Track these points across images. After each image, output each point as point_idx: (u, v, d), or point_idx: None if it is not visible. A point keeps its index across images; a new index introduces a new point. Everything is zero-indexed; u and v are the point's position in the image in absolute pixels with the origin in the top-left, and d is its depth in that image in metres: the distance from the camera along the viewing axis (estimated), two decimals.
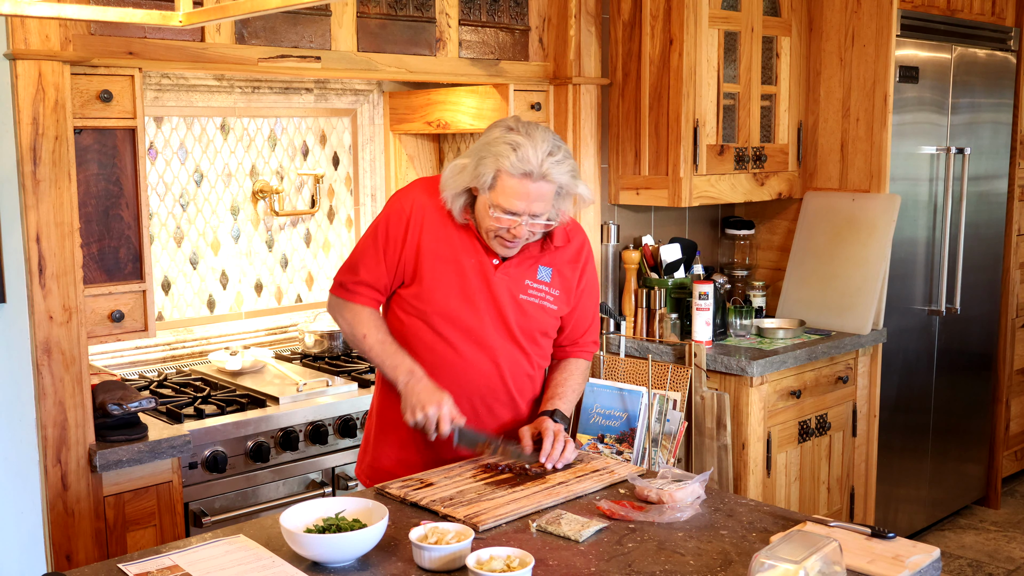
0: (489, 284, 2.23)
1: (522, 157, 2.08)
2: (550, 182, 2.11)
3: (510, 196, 2.11)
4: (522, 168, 2.08)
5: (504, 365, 2.27)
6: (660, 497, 2.00)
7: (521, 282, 2.26)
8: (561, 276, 2.31)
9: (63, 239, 2.42)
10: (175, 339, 3.38)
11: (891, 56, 3.75)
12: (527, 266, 2.27)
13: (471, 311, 2.23)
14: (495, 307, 2.24)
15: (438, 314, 2.23)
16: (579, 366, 2.43)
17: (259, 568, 1.71)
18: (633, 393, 3.41)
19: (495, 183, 2.11)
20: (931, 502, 4.38)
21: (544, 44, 3.53)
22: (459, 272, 2.22)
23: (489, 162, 2.10)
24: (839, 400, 3.80)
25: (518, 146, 2.08)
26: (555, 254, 2.30)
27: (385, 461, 2.37)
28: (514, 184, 2.09)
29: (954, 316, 4.30)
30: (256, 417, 2.80)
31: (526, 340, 2.29)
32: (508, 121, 2.17)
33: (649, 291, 3.67)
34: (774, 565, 1.54)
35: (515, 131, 2.12)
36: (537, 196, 2.11)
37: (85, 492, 2.47)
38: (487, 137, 2.15)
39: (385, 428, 2.37)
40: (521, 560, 1.66)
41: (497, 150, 2.10)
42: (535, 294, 2.28)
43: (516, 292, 2.26)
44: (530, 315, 2.27)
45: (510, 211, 2.12)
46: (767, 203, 4.14)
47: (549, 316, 2.31)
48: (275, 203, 3.54)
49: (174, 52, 2.63)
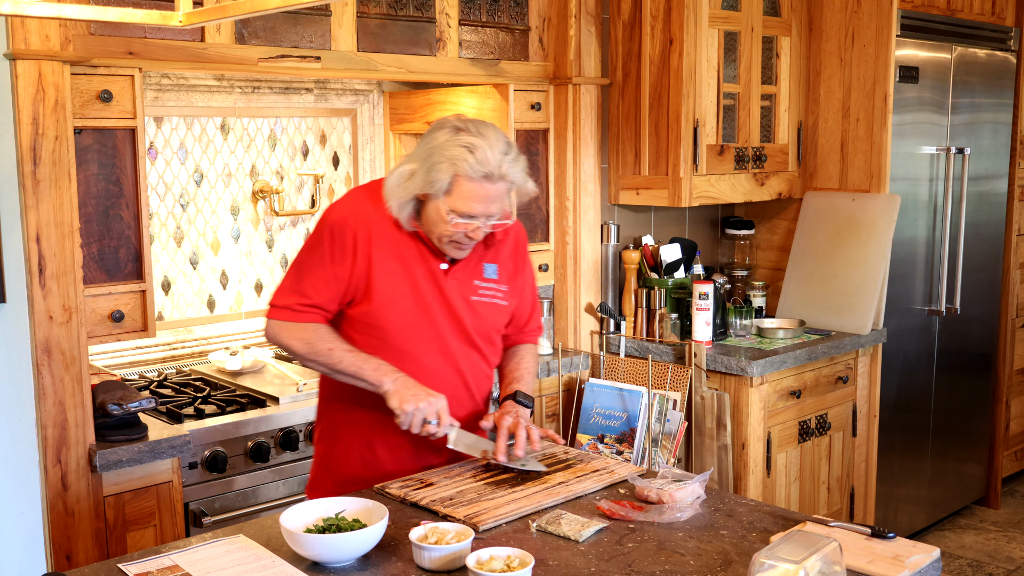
0: (442, 291, 2.16)
1: (481, 159, 2.01)
2: (508, 181, 2.06)
3: (469, 200, 2.03)
4: (482, 170, 2.01)
5: (465, 370, 2.22)
6: (660, 497, 2.00)
7: (471, 284, 2.21)
8: (506, 270, 2.27)
9: (63, 239, 2.42)
10: (175, 339, 3.38)
11: (891, 56, 3.75)
12: (473, 266, 2.21)
13: (428, 322, 2.16)
14: (451, 314, 2.18)
15: (396, 329, 2.14)
16: (529, 350, 2.41)
17: (259, 568, 1.71)
18: (633, 393, 3.41)
19: (452, 188, 2.03)
20: (931, 502, 4.38)
21: (544, 44, 3.53)
22: (411, 283, 2.14)
23: (444, 167, 2.02)
24: (839, 400, 3.80)
25: (475, 148, 2.01)
26: (497, 250, 2.25)
27: (343, 477, 2.24)
28: (473, 187, 2.02)
29: (954, 316, 4.30)
30: (256, 417, 2.80)
31: (483, 341, 2.24)
32: (453, 121, 2.08)
33: (649, 291, 3.67)
34: (774, 565, 1.54)
35: (465, 132, 2.04)
36: (496, 197, 2.06)
37: (85, 492, 2.47)
38: (434, 140, 2.05)
39: (350, 441, 2.24)
40: (521, 560, 1.66)
41: (452, 154, 2.01)
42: (485, 293, 2.22)
43: (468, 294, 2.20)
44: (483, 315, 2.22)
45: (469, 215, 2.05)
46: (767, 203, 4.14)
47: (501, 312, 2.27)
48: (275, 203, 3.54)
49: (174, 52, 2.63)
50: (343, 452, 2.25)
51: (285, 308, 2.14)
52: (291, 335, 2.14)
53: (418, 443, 2.20)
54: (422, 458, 2.24)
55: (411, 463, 2.23)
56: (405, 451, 2.22)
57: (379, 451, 2.22)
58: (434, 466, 2.24)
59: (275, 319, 2.16)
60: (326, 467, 2.29)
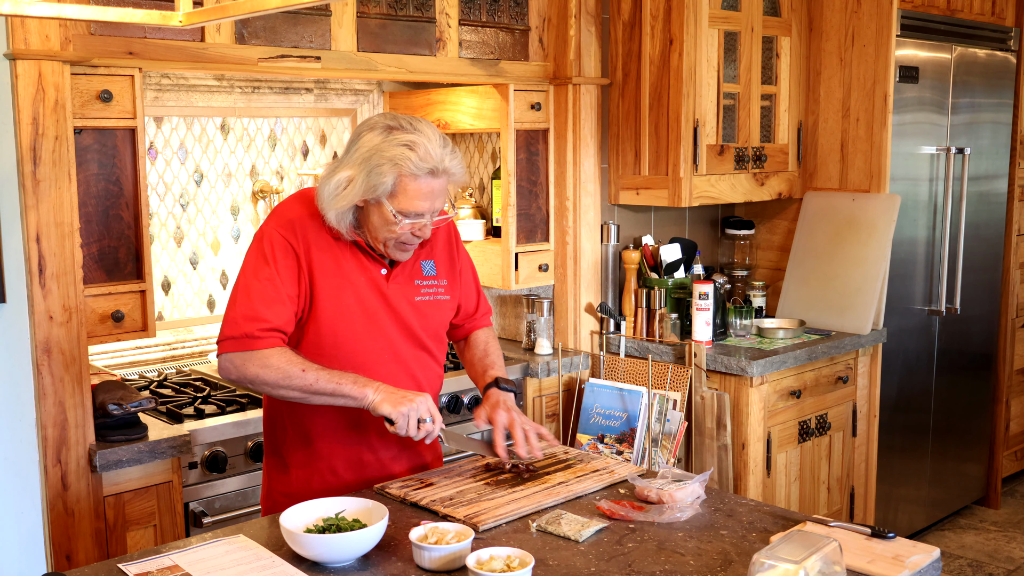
0: (386, 298, 2.11)
1: (423, 156, 1.95)
2: (449, 174, 2.01)
3: (415, 198, 1.98)
4: (425, 167, 1.96)
5: (419, 373, 2.18)
6: (660, 497, 2.00)
7: (412, 284, 2.16)
8: (442, 264, 2.23)
9: (63, 239, 2.42)
10: (175, 339, 3.38)
11: (891, 56, 3.75)
12: (411, 267, 2.16)
13: (377, 330, 2.11)
14: (397, 319, 2.13)
15: (347, 342, 2.08)
16: (488, 334, 2.39)
17: (259, 568, 1.71)
18: (633, 393, 3.41)
19: (396, 189, 1.97)
20: (931, 502, 4.38)
21: (544, 44, 3.53)
22: (355, 293, 2.08)
23: (386, 168, 1.95)
24: (839, 400, 3.80)
25: (414, 145, 1.95)
26: (431, 245, 2.21)
27: (310, 483, 2.16)
28: (419, 185, 1.97)
29: (954, 316, 4.30)
30: (256, 417, 2.80)
31: (432, 341, 2.20)
32: (382, 120, 2.01)
33: (649, 291, 3.67)
34: (774, 565, 1.54)
35: (400, 130, 1.98)
36: (440, 191, 2.01)
37: (85, 492, 2.47)
38: (367, 143, 1.98)
39: (330, 445, 2.17)
40: (521, 560, 1.66)
41: (392, 154, 1.95)
42: (427, 292, 2.18)
43: (411, 296, 2.15)
44: (428, 315, 2.18)
45: (417, 213, 2.00)
46: (767, 203, 4.14)
47: (445, 308, 2.23)
48: (275, 203, 3.54)
49: (174, 52, 2.63)
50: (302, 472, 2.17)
51: (243, 337, 1.98)
52: (257, 365, 1.98)
53: (372, 455, 2.15)
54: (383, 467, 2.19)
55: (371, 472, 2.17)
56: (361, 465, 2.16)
57: (340, 469, 2.15)
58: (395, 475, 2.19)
59: (233, 352, 2.00)
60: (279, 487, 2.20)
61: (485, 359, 2.33)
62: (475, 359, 2.35)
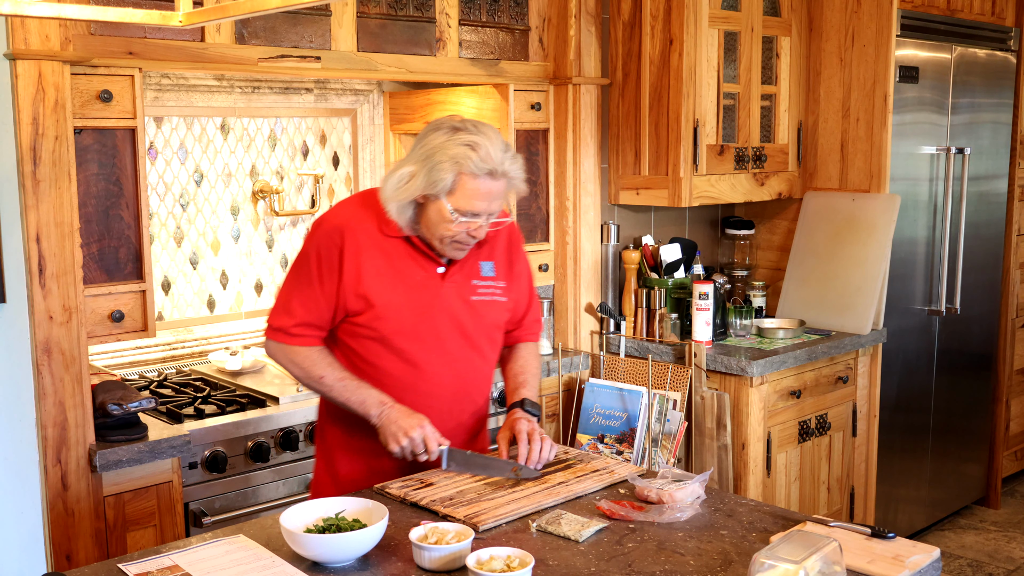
0: (440, 295, 2.17)
1: (483, 156, 2.03)
2: (508, 179, 2.08)
3: (472, 198, 2.05)
4: (485, 167, 2.03)
5: (465, 372, 2.23)
6: (660, 497, 2.00)
7: (469, 284, 2.21)
8: (501, 266, 2.28)
9: (63, 239, 2.42)
10: (175, 339, 3.38)
11: (891, 56, 3.75)
12: (470, 267, 2.22)
13: (428, 327, 2.17)
14: (450, 317, 2.18)
15: (395, 336, 2.15)
16: (531, 349, 2.41)
17: (259, 568, 1.71)
18: (633, 393, 3.41)
19: (455, 187, 2.04)
20: (931, 502, 4.38)
21: (544, 44, 3.53)
22: (407, 289, 2.15)
23: (447, 166, 2.03)
24: (839, 400, 3.80)
25: (477, 146, 2.03)
26: (491, 246, 2.26)
27: (351, 473, 2.27)
28: (477, 185, 2.04)
29: (954, 316, 4.30)
30: (256, 417, 2.80)
31: (484, 341, 2.25)
32: (449, 122, 2.10)
33: (649, 291, 3.67)
34: (774, 565, 1.54)
35: (464, 131, 2.05)
36: (498, 193, 2.08)
37: (85, 492, 2.47)
38: (431, 142, 2.06)
39: (338, 452, 2.29)
40: (521, 560, 1.66)
41: (454, 153, 2.02)
42: (484, 292, 2.23)
43: (467, 295, 2.21)
44: (483, 314, 2.23)
45: (474, 212, 2.06)
46: (767, 203, 4.14)
47: (501, 309, 2.28)
48: (275, 203, 3.54)
49: (174, 52, 2.63)
50: (343, 466, 2.27)
51: (279, 331, 2.18)
52: (286, 359, 2.20)
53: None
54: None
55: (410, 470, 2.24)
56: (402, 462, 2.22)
57: (376, 464, 2.23)
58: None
59: (272, 340, 2.21)
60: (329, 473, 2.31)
61: (519, 376, 2.35)
62: (511, 374, 2.37)
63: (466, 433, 2.29)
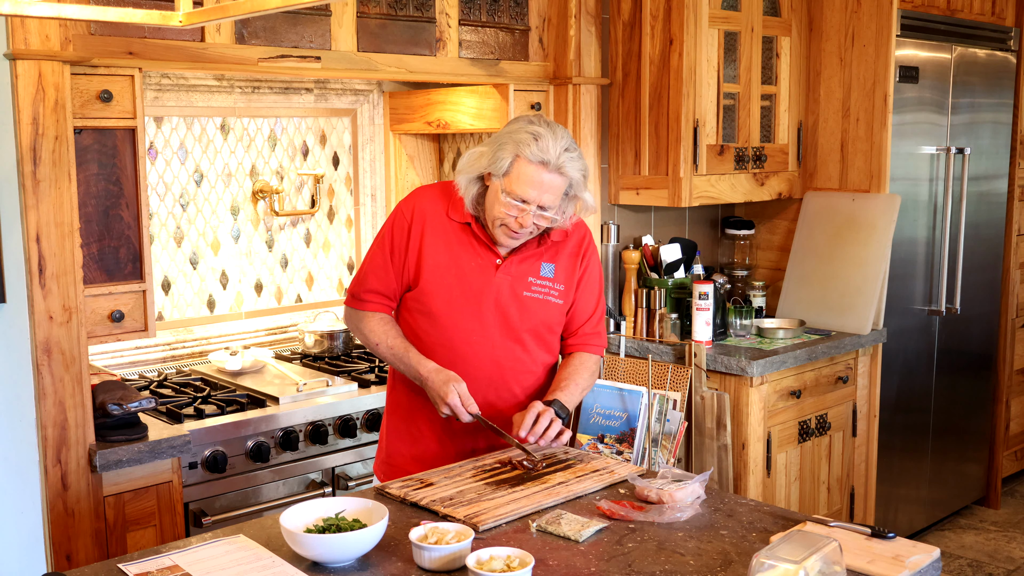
0: (491, 283, 2.30)
1: (542, 147, 2.16)
2: (563, 175, 2.19)
3: (523, 183, 2.18)
4: (540, 156, 2.16)
5: (505, 361, 2.34)
6: (660, 497, 2.00)
7: (524, 279, 2.33)
8: (563, 270, 2.38)
9: (63, 239, 2.42)
10: (175, 339, 3.38)
11: (891, 56, 3.75)
12: (530, 263, 2.34)
13: (472, 311, 2.30)
14: (497, 307, 2.31)
15: (441, 314, 2.31)
16: (584, 361, 2.45)
17: (259, 568, 1.71)
18: (633, 393, 3.41)
19: (511, 168, 2.19)
20: (931, 502, 4.38)
21: (544, 44, 3.53)
22: (460, 274, 2.30)
23: (509, 148, 2.19)
24: (839, 400, 3.80)
25: (539, 136, 2.17)
26: (556, 250, 2.38)
27: (398, 458, 2.42)
28: (530, 171, 2.17)
29: (954, 316, 4.30)
30: (256, 417, 2.80)
31: (529, 336, 2.35)
32: (531, 115, 2.28)
33: (649, 291, 3.67)
34: (774, 565, 1.54)
35: (536, 124, 2.21)
36: (549, 186, 2.19)
37: (85, 492, 2.47)
38: (508, 128, 2.25)
39: (397, 424, 2.44)
40: (521, 560, 1.66)
41: (518, 138, 2.19)
42: (539, 290, 2.34)
43: (520, 290, 2.32)
44: (532, 311, 2.34)
45: (522, 198, 2.19)
46: (767, 203, 4.14)
47: (554, 310, 2.37)
48: (275, 203, 3.54)
49: (174, 52, 2.63)
50: (395, 431, 2.45)
51: (352, 296, 2.40)
52: (354, 324, 2.42)
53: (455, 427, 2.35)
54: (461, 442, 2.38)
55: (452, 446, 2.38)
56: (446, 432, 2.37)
57: (424, 429, 2.39)
58: (479, 449, 2.37)
59: (347, 306, 2.43)
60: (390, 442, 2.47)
61: (562, 381, 2.39)
62: (556, 379, 2.42)
63: (503, 424, 2.34)
